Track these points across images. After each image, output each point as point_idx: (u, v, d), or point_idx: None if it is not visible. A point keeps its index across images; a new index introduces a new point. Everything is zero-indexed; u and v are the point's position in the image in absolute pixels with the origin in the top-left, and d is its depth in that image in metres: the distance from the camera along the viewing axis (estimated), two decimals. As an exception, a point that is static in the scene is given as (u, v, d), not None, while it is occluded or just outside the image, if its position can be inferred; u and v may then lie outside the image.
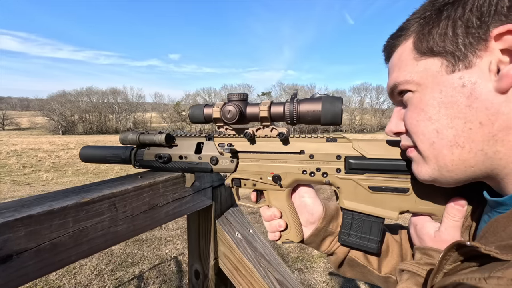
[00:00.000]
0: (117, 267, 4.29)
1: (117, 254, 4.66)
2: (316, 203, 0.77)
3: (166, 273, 4.21)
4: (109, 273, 4.14)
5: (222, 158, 0.80)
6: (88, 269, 4.20)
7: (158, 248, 4.96)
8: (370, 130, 69.62)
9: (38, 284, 3.66)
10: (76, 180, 12.45)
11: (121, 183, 0.74)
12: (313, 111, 0.70)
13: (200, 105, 0.80)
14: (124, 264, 4.42)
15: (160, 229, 5.47)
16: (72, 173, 14.67)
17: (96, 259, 4.41)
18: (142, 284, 3.94)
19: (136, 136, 0.84)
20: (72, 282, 3.86)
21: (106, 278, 4.03)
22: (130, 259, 4.58)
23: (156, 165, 0.85)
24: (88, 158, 0.93)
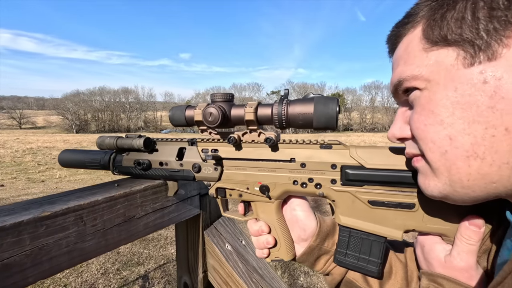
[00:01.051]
0: (123, 266, 4.30)
1: (124, 253, 4.68)
2: (309, 218, 0.68)
3: (171, 273, 4.18)
4: (114, 272, 4.15)
5: (205, 166, 0.72)
6: (94, 268, 4.23)
7: (164, 247, 4.95)
8: (381, 129, 68.29)
9: (45, 282, 3.70)
10: (88, 178, 12.69)
11: (93, 193, 0.67)
12: (305, 114, 0.61)
13: (182, 106, 0.72)
14: (130, 263, 4.43)
15: (167, 229, 5.47)
16: (84, 171, 14.97)
17: (102, 258, 4.44)
18: (147, 284, 3.93)
19: (114, 141, 0.77)
20: (79, 281, 3.88)
21: (111, 277, 4.04)
22: (136, 258, 4.59)
23: (135, 172, 0.78)
24: (67, 163, 0.87)
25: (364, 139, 36.65)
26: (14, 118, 66.85)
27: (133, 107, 65.84)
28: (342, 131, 66.53)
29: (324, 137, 0.69)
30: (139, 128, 64.66)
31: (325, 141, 0.64)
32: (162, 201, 0.78)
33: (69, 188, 9.74)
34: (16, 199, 7.66)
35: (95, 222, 0.63)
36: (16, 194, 8.46)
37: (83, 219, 0.61)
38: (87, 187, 0.71)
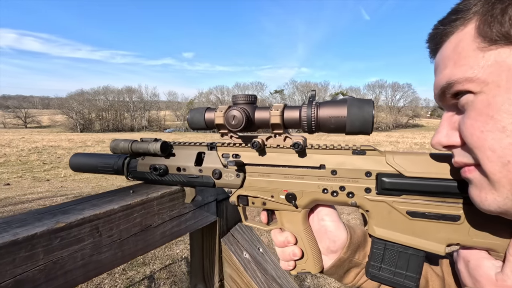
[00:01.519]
0: (128, 267, 4.29)
1: (129, 253, 4.66)
2: (339, 228, 0.64)
3: (176, 274, 4.16)
4: (120, 273, 4.13)
5: (226, 172, 0.68)
6: (100, 268, 4.20)
7: (169, 248, 4.93)
8: (385, 128, 67.82)
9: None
10: (93, 177, 12.74)
11: (108, 200, 0.63)
12: (337, 117, 0.56)
13: (201, 109, 0.68)
14: (136, 263, 4.41)
15: (172, 228, 5.45)
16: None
17: (108, 258, 4.43)
18: (152, 284, 3.91)
19: (128, 145, 0.73)
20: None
21: (117, 278, 4.02)
22: (141, 258, 4.57)
23: (151, 177, 0.74)
24: (79, 167, 0.83)
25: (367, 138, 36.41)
26: (20, 117, 67.46)
27: (136, 107, 66.07)
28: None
29: (327, 136, 0.64)
30: (143, 127, 64.88)
31: (358, 146, 0.59)
32: (179, 208, 0.74)
33: (74, 186, 9.78)
34: (22, 198, 7.71)
35: (111, 232, 0.60)
36: (22, 193, 8.51)
37: (99, 229, 0.57)
38: (101, 194, 0.67)
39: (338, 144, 0.61)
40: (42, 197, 7.92)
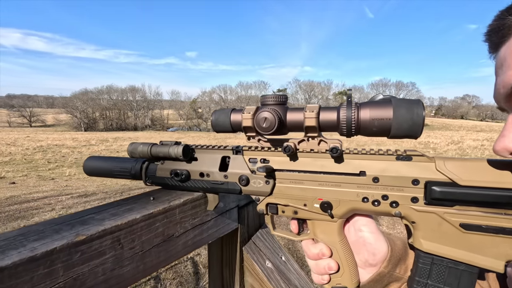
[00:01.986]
0: (134, 267, 4.26)
1: (135, 253, 4.64)
2: (379, 240, 0.59)
3: (182, 274, 4.13)
4: (126, 273, 4.11)
5: (254, 178, 0.63)
6: (106, 268, 4.18)
7: (175, 247, 4.89)
8: (389, 127, 67.17)
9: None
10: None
11: (128, 209, 0.59)
12: (381, 120, 0.51)
13: (226, 110, 0.63)
14: (141, 263, 4.38)
15: (177, 228, 5.42)
16: (93, 169, 15.06)
17: (114, 258, 4.41)
18: (159, 285, 3.88)
19: (148, 148, 0.69)
20: (91, 281, 3.85)
21: (123, 278, 3.99)
22: (147, 258, 4.54)
23: (171, 183, 0.70)
24: (93, 171, 0.79)
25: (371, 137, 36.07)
26: (25, 116, 67.98)
27: (140, 106, 66.24)
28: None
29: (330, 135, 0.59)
30: (146, 126, 65.05)
31: (402, 151, 0.54)
32: (201, 216, 0.70)
33: (79, 185, 9.81)
34: (28, 197, 7.74)
35: (133, 244, 0.55)
36: (27, 192, 8.55)
37: (121, 241, 0.53)
38: (119, 202, 0.63)
39: (379, 148, 0.56)
40: (47, 196, 7.94)
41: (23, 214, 6.08)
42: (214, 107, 64.33)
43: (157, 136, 37.25)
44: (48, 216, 5.93)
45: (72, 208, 6.50)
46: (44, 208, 6.50)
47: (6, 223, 5.50)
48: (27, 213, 6.18)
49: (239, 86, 69.30)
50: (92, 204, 6.90)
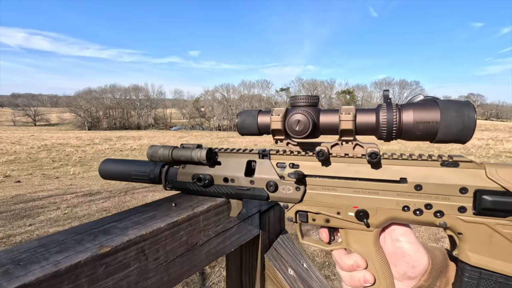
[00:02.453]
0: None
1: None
2: (419, 252, 0.55)
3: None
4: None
5: (283, 184, 0.59)
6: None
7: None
8: (393, 126, 66.75)
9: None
10: (101, 175, 12.80)
11: (151, 216, 0.56)
12: (427, 123, 0.47)
13: (252, 112, 0.60)
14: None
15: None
16: (97, 167, 15.14)
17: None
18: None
19: (168, 152, 0.65)
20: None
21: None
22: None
23: (193, 188, 0.66)
24: (109, 174, 0.76)
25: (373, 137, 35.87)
26: (29, 115, 68.49)
27: (143, 105, 66.45)
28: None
29: None
30: (149, 125, 65.26)
31: (448, 156, 0.50)
32: (224, 222, 0.66)
33: (84, 184, 9.84)
34: (33, 196, 7.78)
35: (157, 254, 0.52)
36: (32, 191, 8.60)
37: (145, 252, 0.50)
38: (140, 208, 0.60)
39: (420, 153, 0.52)
40: (52, 194, 7.98)
41: (28, 213, 6.11)
42: (216, 106, 64.38)
43: (160, 135, 37.35)
44: (53, 215, 5.95)
45: (77, 207, 6.52)
46: (49, 207, 6.53)
47: (12, 221, 5.53)
48: (32, 211, 6.20)
49: (242, 85, 69.25)
50: (96, 203, 6.92)
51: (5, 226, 5.26)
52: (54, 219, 5.78)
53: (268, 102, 67.95)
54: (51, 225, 5.40)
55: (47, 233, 4.98)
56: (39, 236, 4.85)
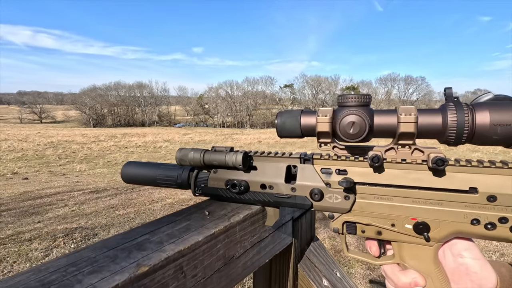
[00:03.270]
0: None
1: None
2: (485, 269, 0.49)
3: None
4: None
5: (329, 192, 0.54)
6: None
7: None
8: (398, 123, 66.06)
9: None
10: (107, 172, 12.91)
11: (185, 228, 0.50)
12: (507, 125, 0.41)
13: (294, 112, 0.54)
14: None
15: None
16: (103, 164, 15.29)
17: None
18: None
19: (200, 156, 0.60)
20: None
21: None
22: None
23: (226, 194, 0.61)
24: (132, 178, 0.71)
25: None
26: (35, 112, 69.14)
27: (147, 102, 66.62)
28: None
29: None
30: (154, 122, 65.50)
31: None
32: (259, 232, 0.61)
33: (90, 181, 9.89)
34: (41, 193, 7.83)
35: (195, 271, 0.47)
36: (40, 187, 8.67)
37: (183, 269, 0.45)
38: (171, 218, 0.55)
39: (490, 160, 0.46)
40: (59, 191, 8.03)
41: (37, 210, 6.15)
42: (220, 103, 64.34)
43: (165, 132, 37.47)
44: (61, 212, 5.98)
45: (84, 204, 6.54)
46: (57, 204, 6.56)
47: (21, 218, 5.57)
48: (40, 208, 6.24)
49: (245, 81, 68.99)
50: (103, 200, 6.94)
51: (15, 223, 5.30)
52: (62, 216, 5.81)
53: (272, 98, 67.74)
54: (59, 222, 5.43)
55: (55, 230, 5.01)
56: (48, 233, 4.88)
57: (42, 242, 4.47)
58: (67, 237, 4.67)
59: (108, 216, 5.83)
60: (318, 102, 63.81)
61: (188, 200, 6.67)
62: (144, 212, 5.98)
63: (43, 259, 4.01)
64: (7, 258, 4.02)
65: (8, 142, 22.26)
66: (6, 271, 3.72)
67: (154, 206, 6.39)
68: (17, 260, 3.97)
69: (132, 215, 5.81)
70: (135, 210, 6.13)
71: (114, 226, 5.23)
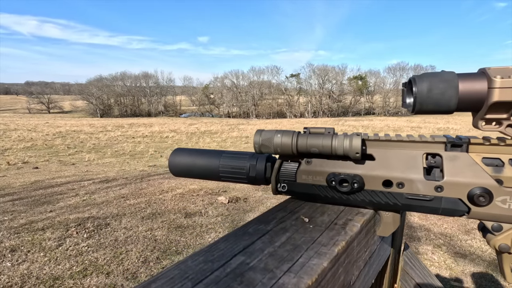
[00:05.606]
0: (162, 255, 4.19)
1: (161, 241, 4.58)
2: None
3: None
4: (154, 261, 4.04)
5: (503, 193, 0.36)
6: (134, 255, 4.14)
7: (201, 236, 4.81)
8: (406, 113, 65.07)
9: (88, 269, 3.64)
10: (115, 161, 12.94)
11: (292, 246, 0.34)
12: None
13: (446, 75, 0.36)
14: (169, 251, 4.32)
15: (201, 216, 5.32)
16: (111, 154, 15.36)
17: (141, 245, 4.36)
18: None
19: (292, 139, 0.43)
20: (120, 269, 3.80)
21: (152, 267, 3.94)
22: (174, 246, 4.47)
23: (327, 194, 0.44)
24: (184, 170, 0.55)
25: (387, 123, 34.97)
26: (43, 103, 69.54)
27: (153, 92, 66.33)
28: (364, 115, 64.37)
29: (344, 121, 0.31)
30: (160, 112, 65.43)
31: None
32: (370, 245, 0.45)
33: (99, 171, 9.89)
34: (51, 182, 7.85)
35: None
36: (50, 177, 8.69)
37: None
38: (256, 224, 0.38)
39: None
40: (69, 181, 8.04)
41: (48, 199, 6.13)
42: (226, 93, 63.85)
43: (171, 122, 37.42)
44: (72, 201, 5.95)
45: (95, 194, 6.50)
46: (68, 193, 6.53)
47: (33, 207, 5.55)
48: (52, 198, 6.22)
49: (251, 71, 68.11)
50: (114, 189, 6.90)
51: (27, 212, 5.29)
52: (74, 205, 5.79)
53: (278, 88, 67.02)
54: (71, 211, 5.40)
55: (68, 219, 4.97)
56: (61, 222, 4.85)
57: (55, 232, 4.43)
58: (80, 227, 4.64)
59: (119, 205, 5.79)
60: (324, 92, 62.98)
61: (198, 190, 6.58)
62: (155, 202, 5.92)
63: (56, 248, 3.98)
64: (21, 247, 3.99)
65: (18, 132, 22.49)
66: (20, 260, 3.69)
67: (165, 196, 6.33)
68: (31, 250, 3.94)
69: (143, 205, 5.75)
70: (145, 200, 6.07)
71: (126, 216, 5.18)
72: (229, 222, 5.13)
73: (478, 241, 4.36)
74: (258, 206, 5.53)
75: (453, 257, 3.95)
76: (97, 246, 4.24)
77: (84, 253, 3.99)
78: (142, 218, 5.19)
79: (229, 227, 4.96)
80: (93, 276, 3.57)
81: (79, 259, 3.87)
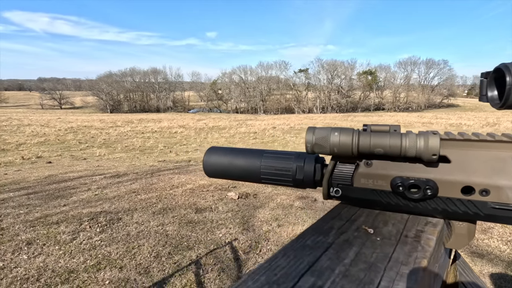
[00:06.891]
0: (173, 250, 4.21)
1: (172, 236, 4.60)
2: None
3: (223, 260, 4.02)
4: (166, 256, 4.06)
5: None
6: (146, 250, 4.17)
7: (211, 231, 4.82)
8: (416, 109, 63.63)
9: (101, 263, 3.68)
10: (126, 157, 13.10)
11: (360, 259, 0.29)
12: None
13: None
14: (180, 247, 4.33)
15: (211, 211, 5.33)
16: (121, 149, 15.56)
17: (152, 240, 4.38)
18: (200, 271, 3.79)
19: (353, 138, 0.37)
20: (133, 263, 3.83)
21: (164, 262, 3.96)
22: (185, 241, 4.49)
23: (390, 201, 0.39)
24: (220, 171, 0.50)
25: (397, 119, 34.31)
26: (55, 98, 70.86)
27: (162, 87, 66.73)
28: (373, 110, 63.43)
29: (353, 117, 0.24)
30: (168, 108, 65.85)
31: None
32: (438, 259, 0.39)
33: (110, 165, 10.02)
34: (64, 176, 7.99)
35: None
36: (63, 171, 8.85)
37: None
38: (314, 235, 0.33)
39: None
40: (82, 175, 8.16)
41: (62, 193, 6.24)
42: (234, 89, 63.76)
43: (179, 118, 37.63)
44: (85, 196, 6.03)
45: (106, 188, 6.58)
46: (80, 188, 6.63)
47: (47, 201, 5.66)
48: (65, 192, 6.33)
49: (259, 66, 67.67)
50: (125, 184, 6.98)
51: (42, 206, 5.39)
52: (86, 200, 5.88)
53: (286, 84, 66.53)
54: (84, 206, 5.48)
55: (81, 214, 5.05)
56: (74, 216, 4.93)
57: (69, 226, 4.50)
58: (93, 221, 4.70)
59: (130, 200, 5.84)
60: (333, 87, 62.20)
61: (208, 186, 6.59)
62: (165, 197, 5.95)
63: (70, 242, 4.04)
64: (36, 240, 4.07)
65: (32, 127, 23.00)
66: (36, 253, 3.76)
67: (175, 191, 6.35)
68: (46, 243, 4.01)
69: (154, 200, 5.79)
70: (156, 195, 6.11)
71: (137, 210, 5.23)
72: (239, 218, 5.11)
73: (495, 240, 4.22)
74: (268, 202, 5.49)
75: (470, 257, 3.84)
76: (109, 240, 4.28)
77: (97, 247, 4.04)
78: (153, 213, 5.22)
79: (240, 223, 4.94)
80: (106, 270, 3.61)
81: (92, 253, 3.92)
